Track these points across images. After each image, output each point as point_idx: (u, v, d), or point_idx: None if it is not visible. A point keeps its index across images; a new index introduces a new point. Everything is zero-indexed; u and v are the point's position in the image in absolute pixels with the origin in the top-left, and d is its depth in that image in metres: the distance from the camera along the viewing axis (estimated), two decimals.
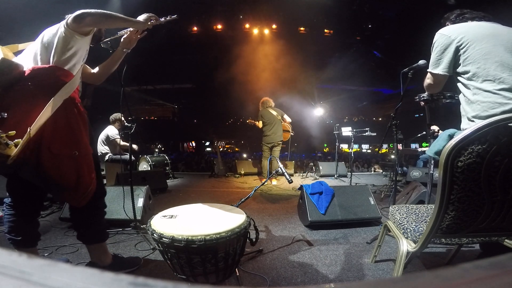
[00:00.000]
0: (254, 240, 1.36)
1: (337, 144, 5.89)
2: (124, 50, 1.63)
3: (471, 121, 1.30)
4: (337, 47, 10.32)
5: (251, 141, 14.51)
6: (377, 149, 14.89)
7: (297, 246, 2.04)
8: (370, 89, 15.17)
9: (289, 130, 5.44)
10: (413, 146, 7.70)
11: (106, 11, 1.31)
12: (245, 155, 10.66)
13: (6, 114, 1.17)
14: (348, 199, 2.55)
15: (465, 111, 1.36)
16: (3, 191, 1.44)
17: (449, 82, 1.45)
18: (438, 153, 1.10)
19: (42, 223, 1.53)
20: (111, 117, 4.11)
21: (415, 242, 1.19)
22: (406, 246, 1.21)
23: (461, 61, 1.32)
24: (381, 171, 7.28)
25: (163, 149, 11.54)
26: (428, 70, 1.46)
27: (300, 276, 1.59)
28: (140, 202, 2.46)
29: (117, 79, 1.95)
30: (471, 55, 1.28)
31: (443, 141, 1.26)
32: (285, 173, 1.88)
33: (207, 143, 19.11)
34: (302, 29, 9.34)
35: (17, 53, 1.44)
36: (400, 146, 5.39)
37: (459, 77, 1.37)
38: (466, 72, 1.31)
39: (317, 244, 2.06)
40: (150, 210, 2.60)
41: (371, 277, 1.60)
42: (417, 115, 12.73)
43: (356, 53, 10.48)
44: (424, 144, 5.82)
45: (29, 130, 1.13)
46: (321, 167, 5.84)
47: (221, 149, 17.79)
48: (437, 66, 1.39)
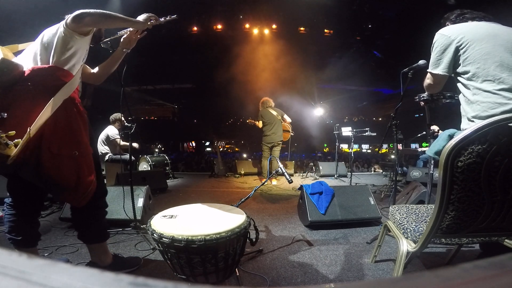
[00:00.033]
0: (254, 240, 1.36)
1: (337, 144, 5.89)
2: (124, 50, 1.63)
3: (471, 121, 1.30)
4: (337, 47, 10.32)
5: (251, 141, 14.51)
6: (377, 149, 14.89)
7: (297, 246, 2.04)
8: (370, 89, 15.17)
9: (289, 130, 5.44)
10: (413, 146, 7.71)
11: (105, 11, 1.31)
12: (245, 155, 10.66)
13: (6, 114, 1.17)
14: (348, 199, 2.55)
15: (465, 111, 1.36)
16: (4, 191, 1.44)
17: (449, 82, 1.45)
18: (438, 153, 1.10)
19: (42, 223, 1.53)
20: (111, 117, 4.12)
21: (415, 242, 1.19)
22: (406, 246, 1.21)
23: (461, 61, 1.32)
24: (381, 171, 7.28)
25: (163, 149, 11.54)
26: (428, 70, 1.46)
27: (300, 276, 1.59)
28: (140, 202, 2.46)
29: (117, 79, 1.96)
30: (471, 55, 1.28)
31: (443, 141, 1.26)
32: (285, 173, 1.88)
33: (207, 143, 19.11)
34: (302, 29, 9.34)
35: (17, 53, 1.44)
36: (400, 146, 5.39)
37: (459, 77, 1.37)
38: (466, 72, 1.31)
39: (317, 244, 2.06)
40: (150, 210, 2.60)
41: (371, 277, 1.60)
42: (417, 115, 12.73)
43: (356, 53, 10.48)
44: (424, 144, 5.83)
45: (29, 130, 1.13)
46: (321, 167, 5.85)
47: (221, 149, 17.79)
48: (437, 66, 1.39)
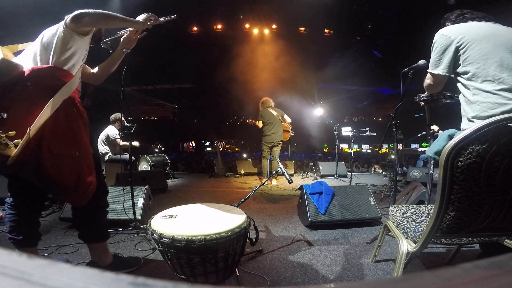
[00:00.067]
0: (254, 240, 1.36)
1: (337, 144, 5.89)
2: (124, 50, 1.63)
3: (471, 121, 1.30)
4: (337, 47, 10.33)
5: (251, 141, 14.50)
6: (377, 149, 14.89)
7: (297, 246, 2.04)
8: (370, 89, 15.18)
9: (289, 130, 5.44)
10: (413, 146, 7.70)
11: (104, 11, 1.30)
12: (245, 155, 10.66)
13: (6, 115, 1.17)
14: (348, 199, 2.55)
15: (465, 111, 1.36)
16: (5, 191, 1.44)
17: (449, 82, 1.45)
18: (438, 153, 1.10)
19: (42, 223, 1.52)
20: (111, 117, 4.12)
21: (415, 242, 1.19)
22: (406, 246, 1.21)
23: (461, 61, 1.32)
24: (381, 171, 7.28)
25: (163, 149, 11.55)
26: (428, 70, 1.46)
27: (300, 276, 1.59)
28: (140, 202, 2.46)
29: (117, 79, 1.95)
30: (470, 56, 1.28)
31: (443, 141, 1.26)
32: (285, 173, 1.88)
33: (207, 143, 19.11)
34: (302, 29, 9.35)
35: (16, 53, 1.44)
36: (400, 146, 5.39)
37: (459, 78, 1.37)
38: (466, 73, 1.31)
39: (317, 244, 2.06)
40: (150, 210, 2.60)
41: (371, 277, 1.60)
42: (417, 115, 12.73)
43: (356, 53, 10.49)
44: (424, 144, 5.83)
45: (28, 130, 1.13)
46: (321, 167, 5.84)
47: (221, 149, 17.79)
48: (437, 67, 1.39)
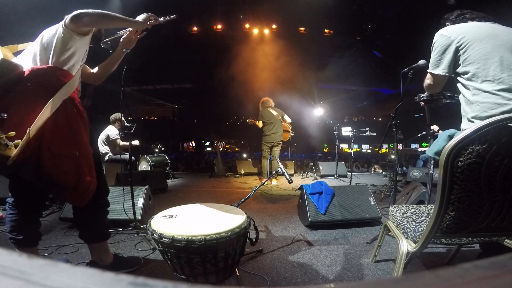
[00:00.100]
0: (254, 240, 1.36)
1: (337, 144, 5.89)
2: (124, 50, 1.63)
3: (471, 121, 1.30)
4: (337, 47, 10.33)
5: (251, 141, 14.49)
6: (377, 149, 14.89)
7: (297, 246, 2.04)
8: (370, 89, 15.17)
9: (289, 130, 5.44)
10: (413, 146, 7.70)
11: (104, 11, 1.30)
12: (245, 155, 10.66)
13: (6, 115, 1.17)
14: (348, 199, 2.55)
15: (465, 111, 1.36)
16: (6, 191, 1.44)
17: (449, 82, 1.45)
18: (438, 153, 1.10)
19: (42, 223, 1.52)
20: (111, 117, 4.12)
21: (415, 242, 1.19)
22: (406, 246, 1.21)
23: (461, 61, 1.32)
24: (381, 171, 7.28)
25: (163, 149, 11.56)
26: (428, 70, 1.46)
27: (300, 276, 1.59)
28: (140, 202, 2.46)
29: (117, 79, 1.95)
30: (470, 56, 1.28)
31: (443, 141, 1.26)
32: (285, 173, 1.88)
33: (207, 143, 19.10)
34: (302, 29, 9.35)
35: (16, 54, 1.44)
36: (400, 146, 5.39)
37: (458, 78, 1.37)
38: (466, 73, 1.31)
39: (317, 244, 2.06)
40: (150, 210, 2.60)
41: (371, 277, 1.60)
42: (417, 115, 12.72)
43: (356, 53, 10.49)
44: (424, 144, 5.82)
45: (28, 130, 1.13)
46: (321, 167, 5.84)
47: (221, 149, 17.79)
48: (437, 67, 1.39)
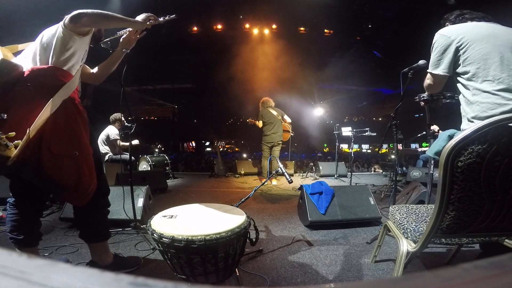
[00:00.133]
0: (254, 240, 1.36)
1: (337, 144, 5.89)
2: (124, 50, 1.63)
3: (471, 121, 1.30)
4: (337, 47, 10.33)
5: (251, 141, 14.50)
6: (377, 149, 14.88)
7: (297, 246, 2.04)
8: (370, 89, 15.17)
9: (289, 130, 5.44)
10: (413, 146, 7.70)
11: (103, 11, 1.30)
12: (245, 155, 10.64)
13: (5, 116, 1.17)
14: (348, 199, 2.55)
15: (465, 111, 1.36)
16: (6, 191, 1.44)
17: (449, 82, 1.45)
18: (438, 153, 1.10)
19: (42, 223, 1.52)
20: (111, 117, 4.12)
21: (415, 242, 1.19)
22: (406, 246, 1.21)
23: (460, 61, 1.32)
24: (381, 171, 7.27)
25: (163, 149, 11.54)
26: (428, 70, 1.46)
27: (300, 276, 1.59)
28: (140, 202, 2.46)
29: (117, 79, 1.95)
30: (470, 56, 1.28)
31: (443, 141, 1.26)
32: (285, 173, 1.88)
33: (207, 143, 19.10)
34: (302, 29, 9.36)
35: (16, 54, 1.44)
36: (400, 146, 5.39)
37: (458, 78, 1.37)
38: (466, 73, 1.31)
39: (317, 244, 2.06)
40: (150, 210, 2.60)
41: (371, 277, 1.60)
42: (417, 115, 12.73)
43: (356, 53, 10.49)
44: (424, 144, 5.83)
45: (28, 131, 1.13)
46: (321, 167, 5.84)
47: (221, 149, 17.78)
48: (437, 67, 1.39)
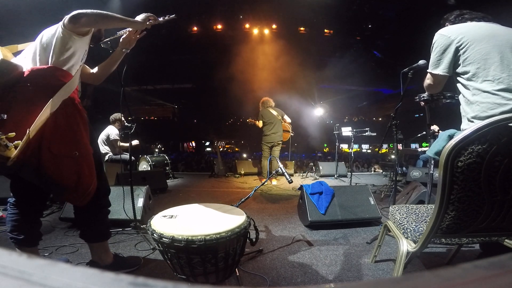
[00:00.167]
0: (254, 240, 1.36)
1: (337, 144, 5.89)
2: (123, 50, 1.63)
3: (471, 121, 1.30)
4: (337, 47, 10.33)
5: (251, 141, 14.50)
6: (377, 149, 14.88)
7: (297, 246, 2.04)
8: (370, 89, 15.17)
9: (289, 130, 5.44)
10: (413, 146, 7.70)
11: (102, 11, 1.30)
12: (245, 155, 10.64)
13: (5, 116, 1.17)
14: (348, 199, 2.55)
15: (465, 111, 1.36)
16: (7, 191, 1.44)
17: (449, 82, 1.45)
18: (438, 153, 1.10)
19: (42, 223, 1.52)
20: (111, 117, 4.12)
21: (415, 242, 1.19)
22: (406, 246, 1.21)
23: (460, 61, 1.32)
24: (381, 171, 7.27)
25: (163, 149, 11.54)
26: (428, 70, 1.46)
27: (300, 276, 1.59)
28: (140, 202, 2.46)
29: (117, 79, 1.96)
30: (470, 56, 1.28)
31: (443, 141, 1.26)
32: (285, 173, 1.88)
33: (207, 143, 19.10)
34: (302, 29, 9.36)
35: (16, 54, 1.44)
36: (400, 146, 5.39)
37: (458, 78, 1.37)
38: (466, 73, 1.31)
39: (317, 244, 2.06)
40: (150, 210, 2.60)
41: (371, 277, 1.60)
42: (417, 115, 12.73)
43: (356, 53, 10.49)
44: (424, 144, 5.82)
45: (28, 131, 1.13)
46: (321, 167, 5.84)
47: (221, 149, 17.78)
48: (437, 67, 1.39)
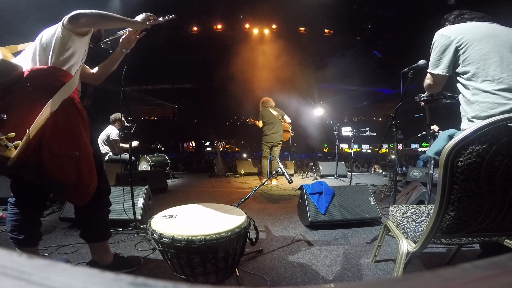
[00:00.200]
0: (254, 240, 1.36)
1: (337, 144, 5.89)
2: (123, 50, 1.63)
3: (471, 121, 1.30)
4: (337, 47, 10.32)
5: (251, 141, 14.49)
6: (377, 149, 14.88)
7: (297, 246, 2.04)
8: (370, 89, 15.16)
9: (289, 130, 5.44)
10: (413, 146, 7.70)
11: (102, 11, 1.30)
12: (245, 155, 10.65)
13: (5, 116, 1.17)
14: (348, 199, 2.55)
15: (464, 111, 1.36)
16: (7, 191, 1.44)
17: (449, 82, 1.45)
18: (438, 153, 1.10)
19: (42, 223, 1.52)
20: (111, 117, 4.12)
21: (415, 242, 1.19)
22: (406, 246, 1.21)
23: (460, 61, 1.32)
24: (381, 171, 7.27)
25: (163, 149, 11.56)
26: (427, 70, 1.46)
27: (300, 276, 1.59)
28: (140, 202, 2.46)
29: (117, 79, 1.95)
30: (470, 56, 1.28)
31: (443, 141, 1.26)
32: (285, 173, 1.88)
33: (207, 143, 19.09)
34: (302, 29, 9.35)
35: (16, 54, 1.44)
36: (400, 146, 5.40)
37: (458, 78, 1.37)
38: (466, 73, 1.31)
39: (317, 244, 2.06)
40: (150, 210, 2.60)
41: (371, 277, 1.60)
42: (417, 115, 12.74)
43: (356, 53, 10.49)
44: (424, 144, 5.83)
45: (28, 131, 1.13)
46: (321, 167, 5.84)
47: (221, 149, 17.78)
48: (437, 67, 1.39)
